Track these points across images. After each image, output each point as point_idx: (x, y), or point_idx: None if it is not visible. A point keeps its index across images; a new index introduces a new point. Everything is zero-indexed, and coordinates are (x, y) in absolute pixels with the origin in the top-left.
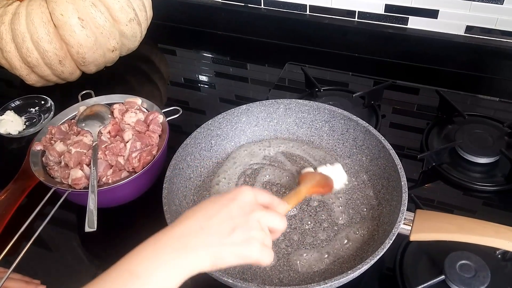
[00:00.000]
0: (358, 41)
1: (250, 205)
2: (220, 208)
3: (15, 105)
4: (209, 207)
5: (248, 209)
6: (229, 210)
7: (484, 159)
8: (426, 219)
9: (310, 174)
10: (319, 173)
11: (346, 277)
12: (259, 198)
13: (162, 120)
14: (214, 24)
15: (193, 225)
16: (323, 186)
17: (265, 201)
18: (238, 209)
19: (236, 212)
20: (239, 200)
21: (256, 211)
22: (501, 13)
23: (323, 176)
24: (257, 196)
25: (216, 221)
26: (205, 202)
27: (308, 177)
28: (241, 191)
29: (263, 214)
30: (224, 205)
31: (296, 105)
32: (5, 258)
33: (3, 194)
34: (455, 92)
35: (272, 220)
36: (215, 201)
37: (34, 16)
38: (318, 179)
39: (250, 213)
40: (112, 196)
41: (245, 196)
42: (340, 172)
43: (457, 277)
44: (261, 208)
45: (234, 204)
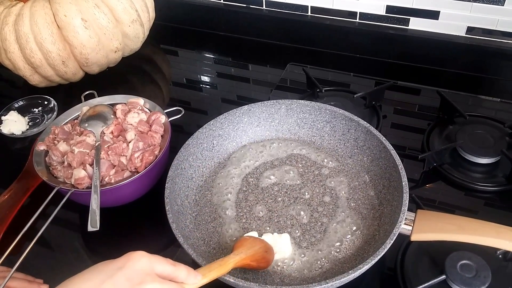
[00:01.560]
0: (360, 42)
1: (142, 275)
2: (103, 279)
3: (19, 105)
4: (91, 279)
5: (137, 280)
6: (114, 282)
7: (485, 160)
8: (427, 219)
9: (251, 240)
10: (262, 241)
11: (347, 277)
12: (157, 267)
13: (164, 120)
14: (216, 25)
15: None
16: (257, 260)
17: (164, 271)
18: (125, 281)
19: (122, 284)
20: (128, 268)
21: (147, 283)
22: (502, 14)
23: (264, 246)
24: (155, 264)
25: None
26: (88, 270)
27: (245, 245)
28: (133, 258)
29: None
30: (108, 276)
31: (298, 106)
32: (8, 258)
33: (7, 194)
34: (456, 93)
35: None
36: (100, 269)
37: (38, 17)
38: (255, 250)
39: (139, 285)
40: (115, 196)
41: (136, 264)
42: (286, 244)
43: (458, 277)
44: (154, 278)
45: (121, 275)
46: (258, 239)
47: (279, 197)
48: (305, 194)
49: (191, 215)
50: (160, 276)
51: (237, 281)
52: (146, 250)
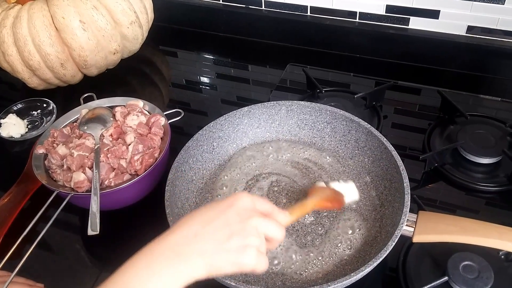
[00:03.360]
0: (360, 42)
1: (248, 211)
2: (216, 214)
3: (17, 108)
4: (206, 214)
5: (245, 215)
6: (226, 217)
7: (486, 160)
8: (429, 221)
9: (321, 188)
10: (330, 188)
11: (349, 279)
12: (258, 205)
13: (164, 122)
14: (215, 26)
15: (187, 232)
16: (331, 201)
17: (264, 209)
18: (235, 216)
19: (233, 218)
20: (237, 206)
21: (253, 218)
22: (502, 13)
23: (334, 191)
24: (256, 203)
25: (212, 228)
26: (202, 208)
27: (318, 191)
28: (239, 197)
29: (260, 221)
30: (221, 212)
31: (298, 107)
32: (9, 262)
33: (6, 197)
34: (456, 92)
35: (269, 228)
36: (213, 207)
37: (36, 19)
38: (327, 194)
39: (247, 219)
40: (115, 199)
41: (243, 202)
42: (352, 190)
43: (460, 278)
44: (259, 214)
45: (231, 210)
46: (327, 187)
47: (280, 199)
48: (306, 196)
49: None
50: (261, 212)
51: (239, 284)
52: None
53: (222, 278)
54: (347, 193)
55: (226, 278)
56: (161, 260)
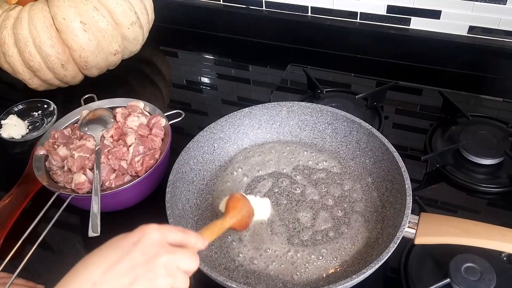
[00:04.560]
0: (360, 42)
1: (156, 247)
2: (119, 257)
3: (18, 109)
4: (107, 256)
5: (152, 252)
6: (130, 259)
7: (488, 161)
8: (431, 223)
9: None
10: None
11: (351, 281)
12: (168, 237)
13: (164, 123)
14: (215, 26)
15: (84, 281)
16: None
17: (176, 239)
18: (141, 255)
19: (138, 259)
20: (143, 243)
21: (161, 255)
22: (504, 13)
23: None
24: (166, 235)
25: (114, 274)
26: (104, 247)
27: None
28: (146, 232)
29: (169, 258)
30: (124, 253)
31: (299, 108)
32: (10, 262)
33: (7, 199)
34: (458, 93)
35: (181, 262)
36: (116, 246)
37: (36, 20)
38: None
39: (154, 258)
40: (115, 200)
41: (150, 237)
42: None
43: (462, 280)
44: (168, 249)
45: (136, 250)
46: (247, 201)
47: (280, 200)
48: (307, 197)
49: (192, 219)
50: (172, 244)
51: (239, 286)
52: None
53: (223, 280)
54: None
55: (227, 280)
56: None
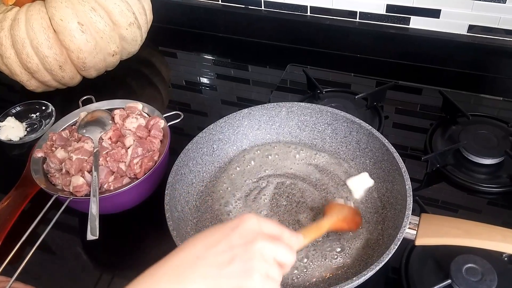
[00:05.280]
0: (360, 42)
1: (253, 233)
2: (220, 237)
3: (16, 111)
4: (210, 236)
5: (250, 237)
6: (229, 240)
7: (489, 160)
8: (432, 223)
9: (338, 206)
10: (348, 206)
11: (351, 283)
12: (264, 227)
13: (163, 125)
14: (214, 26)
15: (189, 255)
16: (349, 223)
17: (272, 232)
18: (239, 238)
19: (237, 241)
20: (241, 228)
21: (258, 241)
22: (504, 12)
23: (352, 210)
24: (263, 225)
25: (214, 251)
26: (206, 231)
27: (335, 209)
28: (244, 219)
29: (267, 245)
30: (224, 235)
31: (298, 108)
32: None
33: (5, 201)
34: (458, 92)
35: (277, 251)
36: (217, 229)
37: (34, 21)
38: (345, 214)
39: (252, 242)
40: (114, 202)
41: (248, 224)
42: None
43: (463, 281)
44: (265, 237)
45: (235, 233)
46: (345, 205)
47: (281, 201)
48: (307, 198)
49: (192, 221)
50: (269, 235)
51: None
52: (147, 258)
53: None
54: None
55: None
56: (163, 282)
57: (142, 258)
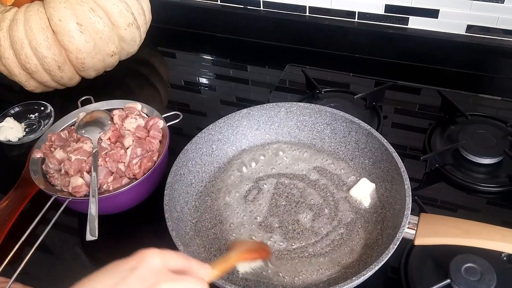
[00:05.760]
0: (359, 42)
1: (155, 274)
2: (116, 282)
3: (15, 111)
4: (103, 280)
5: (152, 279)
6: (126, 285)
7: (487, 160)
8: (431, 223)
9: (241, 241)
10: (252, 241)
11: (351, 283)
12: (169, 263)
13: (162, 125)
14: (213, 27)
15: None
16: (257, 252)
17: (178, 266)
18: (138, 282)
19: (135, 286)
20: (141, 269)
21: (161, 283)
22: (502, 12)
23: (256, 242)
24: (167, 260)
25: None
26: (99, 273)
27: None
28: (145, 257)
29: (171, 285)
30: (121, 278)
31: (297, 108)
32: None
33: (4, 202)
34: (457, 92)
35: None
36: (112, 272)
37: (32, 22)
38: (249, 246)
39: (154, 285)
40: (113, 203)
41: (150, 263)
42: (368, 185)
43: (462, 280)
44: (169, 276)
45: (133, 277)
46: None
47: (280, 202)
48: (306, 198)
49: (191, 222)
50: (174, 271)
51: None
52: None
53: (222, 284)
54: (367, 189)
55: (226, 284)
56: None
57: None
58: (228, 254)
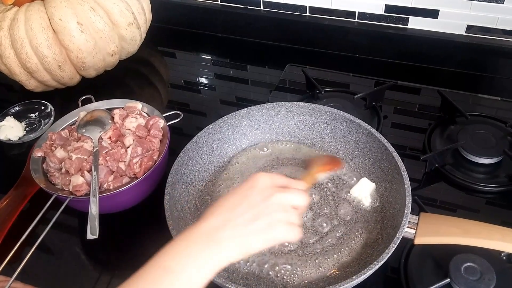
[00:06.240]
0: (359, 42)
1: (269, 189)
2: (241, 198)
3: (15, 110)
4: (231, 200)
5: (267, 193)
6: (249, 199)
7: (487, 160)
8: (431, 223)
9: (316, 156)
10: (324, 154)
11: (351, 282)
12: (276, 181)
13: (162, 124)
14: (213, 26)
15: (218, 219)
16: (330, 163)
17: (282, 183)
18: (258, 196)
19: (257, 199)
20: (258, 187)
21: (275, 194)
22: (502, 12)
23: (328, 155)
24: (274, 179)
25: (240, 211)
26: (226, 195)
27: (314, 160)
28: (257, 178)
29: (283, 195)
30: (244, 196)
31: (297, 108)
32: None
33: (4, 201)
34: (456, 92)
35: (292, 198)
36: (235, 192)
37: (33, 21)
38: (324, 159)
39: (270, 197)
40: (114, 202)
41: (262, 182)
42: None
43: (462, 280)
44: (279, 189)
45: (254, 192)
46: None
47: None
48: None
49: (191, 221)
50: (280, 186)
51: None
52: (147, 256)
53: (223, 282)
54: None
55: (227, 282)
56: (198, 245)
57: (141, 257)
58: (310, 170)
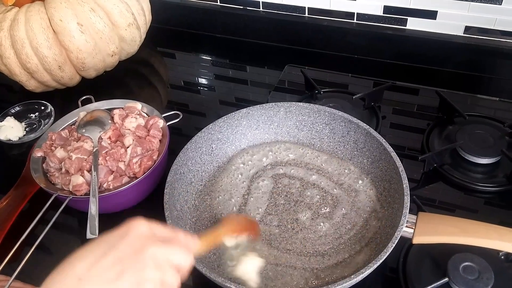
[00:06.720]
0: (357, 43)
1: (143, 240)
2: (107, 250)
3: (15, 111)
4: (95, 251)
5: (139, 245)
6: (117, 251)
7: (485, 160)
8: (429, 222)
9: (233, 216)
10: (242, 216)
11: (349, 281)
12: (156, 231)
13: (162, 124)
14: (213, 27)
15: (69, 277)
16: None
17: (164, 235)
18: (128, 248)
19: (125, 251)
20: (131, 236)
21: (150, 247)
22: (499, 13)
23: (246, 219)
24: (154, 229)
25: (100, 267)
26: (91, 243)
27: (229, 219)
28: (132, 225)
29: (159, 250)
30: (111, 246)
31: (296, 108)
32: (7, 265)
33: (4, 201)
34: (455, 93)
35: (170, 254)
36: (104, 241)
37: (33, 22)
38: (239, 221)
39: (142, 249)
40: (114, 202)
41: (137, 231)
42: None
43: (460, 279)
44: (156, 241)
45: (124, 242)
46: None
47: (279, 201)
48: (305, 197)
49: (190, 220)
50: (160, 239)
51: (238, 287)
52: None
53: (222, 281)
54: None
55: (226, 281)
56: None
57: None
58: (216, 228)
